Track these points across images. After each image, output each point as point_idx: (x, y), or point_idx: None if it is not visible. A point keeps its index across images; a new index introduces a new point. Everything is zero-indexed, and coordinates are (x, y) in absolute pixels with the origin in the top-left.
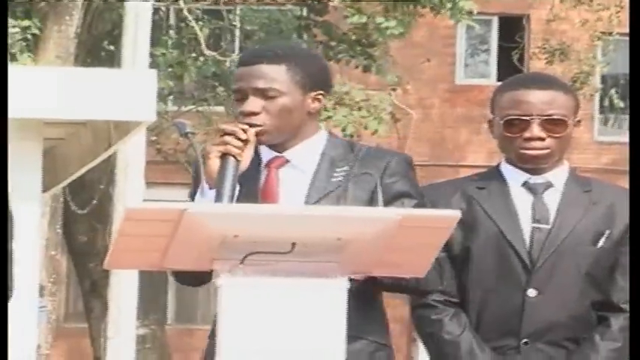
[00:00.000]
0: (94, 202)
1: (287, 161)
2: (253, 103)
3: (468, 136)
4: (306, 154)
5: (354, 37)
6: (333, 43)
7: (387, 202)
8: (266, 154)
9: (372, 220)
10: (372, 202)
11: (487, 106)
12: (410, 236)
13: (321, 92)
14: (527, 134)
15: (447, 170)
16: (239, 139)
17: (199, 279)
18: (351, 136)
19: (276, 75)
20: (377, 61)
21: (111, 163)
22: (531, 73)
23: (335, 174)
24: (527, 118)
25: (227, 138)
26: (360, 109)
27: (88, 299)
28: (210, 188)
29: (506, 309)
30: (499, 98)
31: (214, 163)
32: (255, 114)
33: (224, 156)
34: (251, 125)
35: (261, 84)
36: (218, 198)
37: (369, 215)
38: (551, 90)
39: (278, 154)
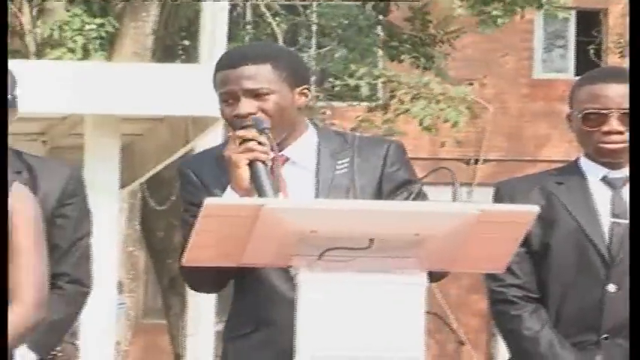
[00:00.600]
0: (172, 198)
1: (287, 159)
2: (247, 105)
3: (546, 130)
4: (303, 150)
5: (416, 38)
6: (394, 43)
7: (394, 190)
8: None
9: (451, 216)
10: (379, 191)
11: (565, 100)
12: (488, 231)
13: (306, 87)
14: (605, 128)
15: (525, 165)
16: (260, 143)
17: (217, 285)
18: (429, 129)
19: (263, 74)
20: (435, 62)
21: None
22: (609, 67)
23: (338, 166)
24: (606, 112)
25: (251, 144)
26: (438, 101)
27: (166, 296)
28: (241, 197)
29: (586, 304)
30: (577, 92)
31: (245, 171)
32: (252, 114)
33: (252, 163)
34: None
35: (251, 84)
36: None
37: (448, 210)
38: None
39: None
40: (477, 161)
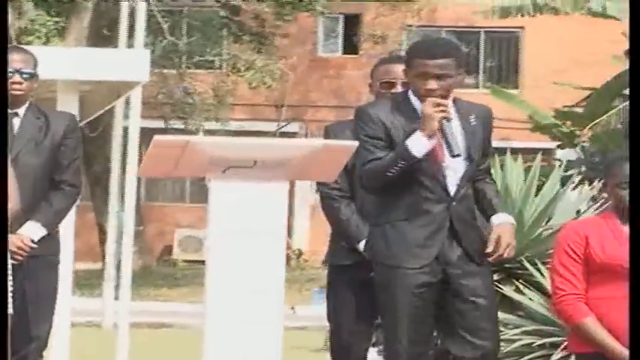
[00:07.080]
0: (100, 129)
1: None
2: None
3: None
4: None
5: (256, 30)
6: (240, 33)
7: None
8: None
9: (306, 146)
10: None
11: (340, 74)
12: (328, 156)
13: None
14: (393, 90)
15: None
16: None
17: None
18: (254, 88)
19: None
20: (265, 44)
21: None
22: (391, 56)
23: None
24: (394, 80)
25: (443, 108)
26: (261, 71)
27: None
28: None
29: None
30: (376, 70)
31: (436, 124)
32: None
33: (441, 120)
34: None
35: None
36: None
37: (304, 144)
38: None
39: None
40: (282, 106)
